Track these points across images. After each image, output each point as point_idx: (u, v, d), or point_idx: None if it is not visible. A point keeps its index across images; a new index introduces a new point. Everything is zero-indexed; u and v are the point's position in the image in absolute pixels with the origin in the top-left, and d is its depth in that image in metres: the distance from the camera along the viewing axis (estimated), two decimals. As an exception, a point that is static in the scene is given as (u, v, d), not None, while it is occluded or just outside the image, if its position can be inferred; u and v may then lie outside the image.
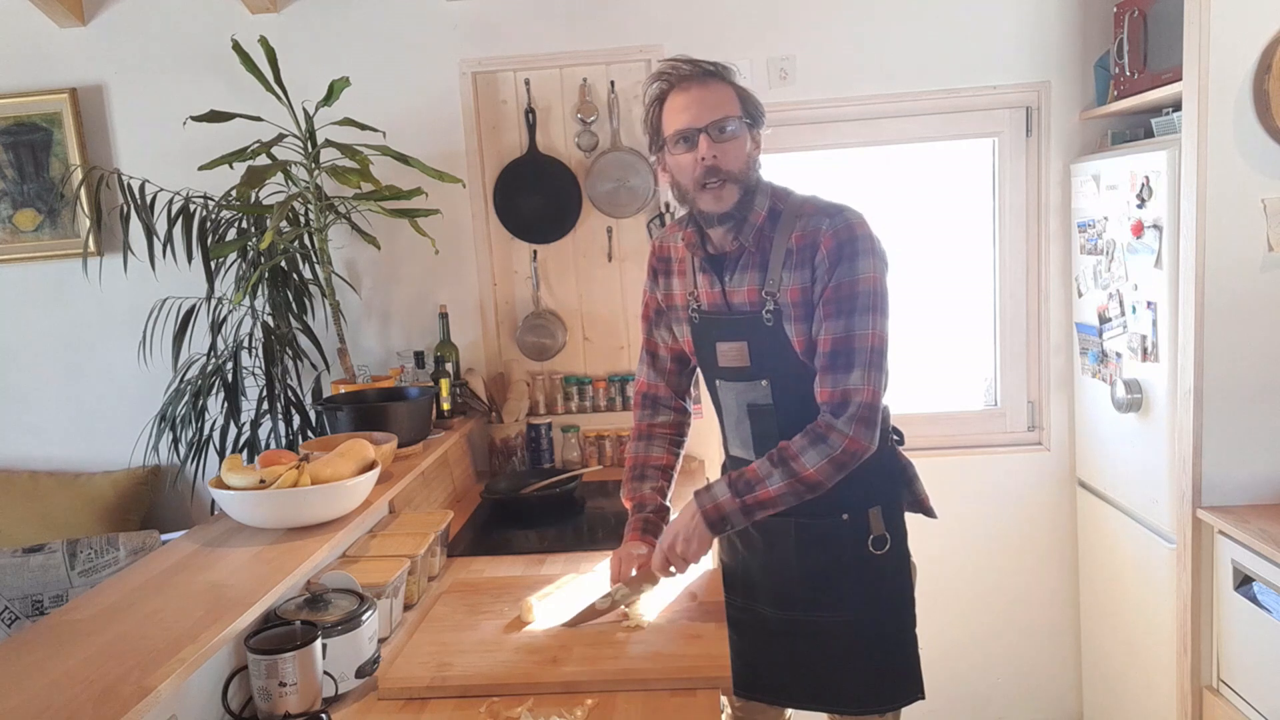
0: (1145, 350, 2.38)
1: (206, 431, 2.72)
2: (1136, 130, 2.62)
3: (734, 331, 1.67)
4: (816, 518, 1.66)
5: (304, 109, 2.49)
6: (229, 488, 1.72)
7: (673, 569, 1.66)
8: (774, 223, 1.62)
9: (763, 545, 1.73)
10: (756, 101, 1.63)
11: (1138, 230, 2.36)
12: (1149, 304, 2.35)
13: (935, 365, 3.04)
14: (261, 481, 1.71)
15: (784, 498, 1.58)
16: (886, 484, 1.72)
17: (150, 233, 2.64)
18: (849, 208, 1.61)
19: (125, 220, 2.75)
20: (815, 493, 1.58)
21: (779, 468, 1.57)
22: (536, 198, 2.87)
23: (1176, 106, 2.30)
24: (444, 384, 2.67)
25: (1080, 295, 2.74)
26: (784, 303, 1.60)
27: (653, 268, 1.83)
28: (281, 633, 1.45)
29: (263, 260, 2.61)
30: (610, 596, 1.70)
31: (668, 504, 1.84)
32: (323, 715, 1.40)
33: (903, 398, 1.67)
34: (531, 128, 2.85)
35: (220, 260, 2.69)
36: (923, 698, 1.74)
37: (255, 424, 2.71)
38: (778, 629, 1.73)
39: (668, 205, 2.82)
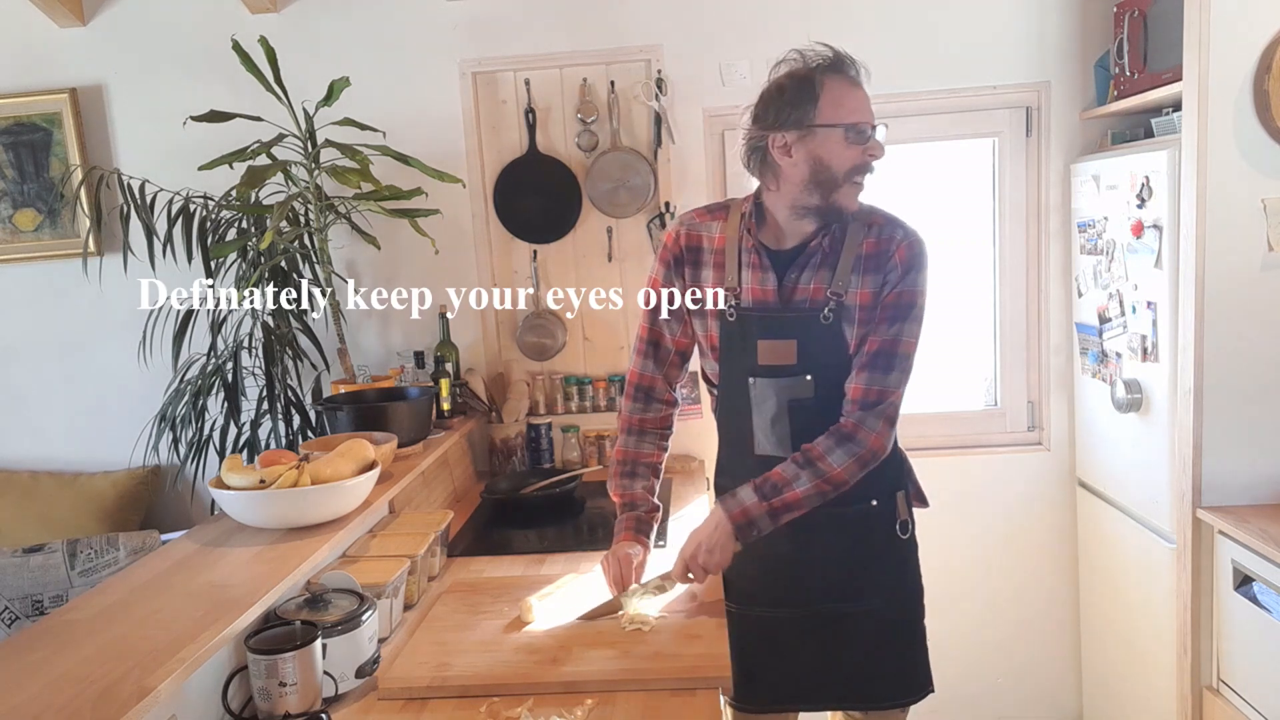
0: (1145, 350, 2.38)
1: (206, 431, 2.72)
2: (1136, 130, 2.62)
3: (784, 329, 1.65)
4: (847, 505, 1.67)
5: (304, 109, 2.49)
6: (229, 488, 1.72)
7: (691, 576, 1.65)
8: (843, 225, 1.66)
9: (787, 539, 1.68)
10: None
11: (1138, 230, 2.36)
12: (1149, 304, 2.34)
13: (935, 365, 3.03)
14: (261, 481, 1.71)
15: (810, 499, 1.59)
16: (901, 471, 1.77)
17: (150, 233, 2.64)
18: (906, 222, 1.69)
19: (125, 220, 2.74)
20: (838, 492, 1.61)
21: (806, 469, 1.59)
22: (536, 198, 2.87)
23: (1176, 106, 2.30)
24: (444, 384, 2.67)
25: (1080, 295, 2.74)
26: (849, 304, 1.63)
27: (676, 256, 1.75)
28: (281, 633, 1.45)
29: (263, 260, 2.61)
30: (629, 596, 1.70)
31: (658, 504, 1.84)
32: (323, 715, 1.40)
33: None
34: (531, 128, 2.85)
35: (220, 260, 2.69)
36: (933, 691, 1.76)
37: (255, 424, 2.71)
38: (801, 627, 1.72)
39: (667, 205, 2.82)
